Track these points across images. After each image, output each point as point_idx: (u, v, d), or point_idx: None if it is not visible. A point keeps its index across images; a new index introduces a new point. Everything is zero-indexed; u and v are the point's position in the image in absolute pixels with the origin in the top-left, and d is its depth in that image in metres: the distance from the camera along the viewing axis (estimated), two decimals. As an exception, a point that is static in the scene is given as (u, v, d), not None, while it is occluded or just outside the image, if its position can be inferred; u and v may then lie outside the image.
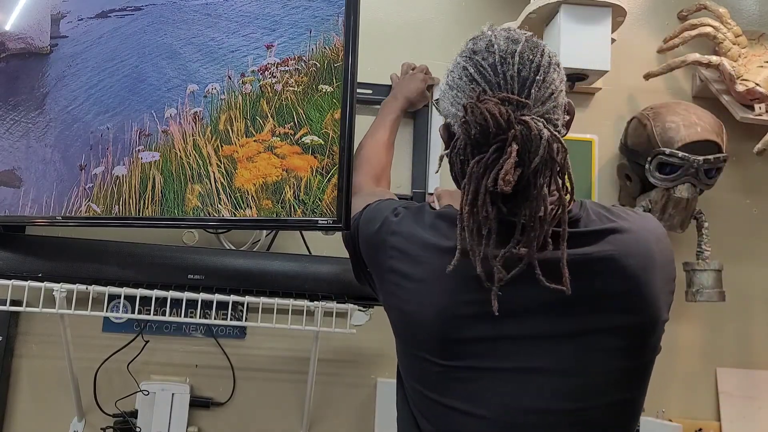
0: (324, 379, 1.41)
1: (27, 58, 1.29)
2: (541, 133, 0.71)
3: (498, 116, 0.70)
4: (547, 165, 0.71)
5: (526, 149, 0.70)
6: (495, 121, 0.70)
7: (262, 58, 1.14)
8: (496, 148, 0.71)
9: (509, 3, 1.53)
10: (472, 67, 0.78)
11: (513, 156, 0.69)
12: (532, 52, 0.77)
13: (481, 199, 0.71)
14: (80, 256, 1.25)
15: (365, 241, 0.92)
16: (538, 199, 0.71)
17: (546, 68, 0.77)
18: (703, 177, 1.34)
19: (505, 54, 0.77)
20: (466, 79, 0.79)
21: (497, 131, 0.70)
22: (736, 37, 1.49)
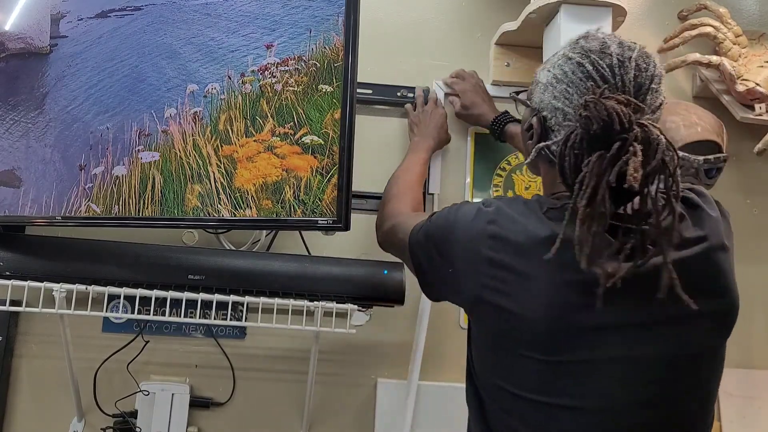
0: (324, 379, 1.41)
1: (27, 58, 1.29)
2: (659, 138, 0.73)
3: (621, 114, 0.72)
4: (660, 171, 0.73)
5: (644, 152, 0.72)
6: (619, 118, 0.72)
7: (262, 57, 1.14)
8: (618, 146, 0.72)
9: (509, 3, 1.53)
10: (590, 65, 0.80)
11: (639, 154, 0.71)
12: (645, 61, 0.80)
13: (600, 195, 0.72)
14: (80, 256, 1.25)
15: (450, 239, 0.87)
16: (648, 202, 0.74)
17: (658, 79, 0.80)
18: (703, 177, 1.34)
19: (622, 58, 0.79)
20: (582, 76, 0.80)
21: (620, 129, 0.72)
22: (736, 37, 1.49)
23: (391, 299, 1.27)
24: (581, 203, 0.73)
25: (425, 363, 1.42)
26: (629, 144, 0.71)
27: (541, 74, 0.87)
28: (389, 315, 1.43)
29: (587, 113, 0.74)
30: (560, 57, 0.84)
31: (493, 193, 1.51)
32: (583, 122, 0.75)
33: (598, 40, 0.81)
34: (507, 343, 0.81)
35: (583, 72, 0.80)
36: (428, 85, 1.51)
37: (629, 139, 0.72)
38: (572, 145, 0.76)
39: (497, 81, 1.52)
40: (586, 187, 0.73)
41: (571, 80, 0.81)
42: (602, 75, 0.79)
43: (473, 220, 0.84)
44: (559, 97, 0.82)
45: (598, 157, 0.73)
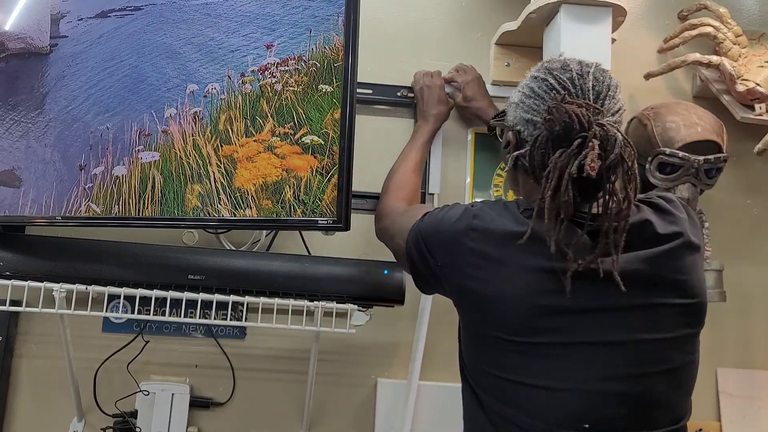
0: (324, 379, 1.41)
1: (27, 58, 1.29)
2: (616, 135, 0.83)
3: (580, 116, 0.83)
4: (619, 164, 0.83)
5: (603, 147, 0.81)
6: (578, 119, 0.82)
7: (262, 57, 1.14)
8: (578, 143, 0.82)
9: (509, 3, 1.53)
10: (552, 79, 0.91)
11: (596, 148, 0.80)
12: (602, 74, 0.91)
13: (563, 186, 0.81)
14: (80, 256, 1.25)
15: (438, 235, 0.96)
16: (609, 192, 0.83)
17: (614, 88, 0.91)
18: (703, 177, 1.34)
19: (581, 72, 0.91)
20: (546, 89, 0.91)
21: (579, 128, 0.82)
22: (736, 37, 1.49)
23: (391, 299, 1.28)
24: (547, 194, 0.83)
25: (425, 363, 1.42)
26: (588, 140, 0.81)
27: (513, 95, 0.98)
28: (389, 315, 1.43)
29: (550, 117, 0.85)
30: (528, 78, 0.96)
31: (494, 193, 1.51)
32: (548, 125, 0.85)
33: (560, 62, 0.93)
34: (487, 328, 0.90)
35: (547, 86, 0.91)
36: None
37: (588, 137, 0.81)
38: (539, 145, 0.87)
39: (497, 81, 1.52)
40: (551, 179, 0.82)
41: (538, 94, 0.91)
42: (564, 86, 0.89)
43: (459, 218, 0.94)
44: (528, 111, 0.92)
45: (561, 153, 0.83)
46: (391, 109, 1.52)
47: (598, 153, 0.80)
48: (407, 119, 1.52)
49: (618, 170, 0.83)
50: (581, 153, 0.81)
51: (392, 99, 1.50)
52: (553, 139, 0.85)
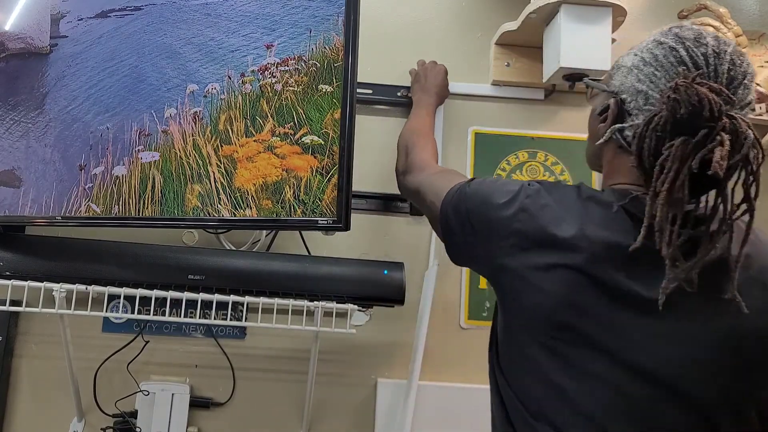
0: (324, 379, 1.41)
1: (27, 58, 1.29)
2: (747, 132, 0.72)
3: (712, 102, 0.71)
4: (744, 165, 0.72)
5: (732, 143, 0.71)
6: (709, 105, 0.71)
7: (262, 57, 1.14)
8: (704, 133, 0.71)
9: (509, 3, 1.53)
10: (684, 51, 0.78)
11: (726, 144, 0.70)
12: (740, 58, 0.78)
13: (681, 179, 0.71)
14: (80, 256, 1.25)
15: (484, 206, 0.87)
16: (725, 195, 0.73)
17: (750, 77, 0.78)
18: (703, 177, 1.34)
19: (718, 50, 0.78)
20: (674, 60, 0.79)
21: (709, 117, 0.71)
22: (736, 37, 1.49)
23: (391, 299, 1.28)
24: (663, 187, 0.72)
25: (425, 363, 1.42)
26: (717, 133, 0.70)
27: (625, 58, 0.86)
28: (389, 315, 1.43)
29: (676, 96, 0.73)
30: (650, 42, 0.83)
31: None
32: (671, 105, 0.73)
33: (694, 31, 0.80)
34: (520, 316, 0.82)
35: (675, 57, 0.79)
36: (428, 85, 1.51)
37: (717, 128, 0.71)
38: (655, 127, 0.75)
39: (497, 81, 1.52)
40: (668, 171, 0.72)
41: (661, 64, 0.79)
42: (695, 62, 0.77)
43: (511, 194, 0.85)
44: (644, 80, 0.80)
45: (683, 141, 0.72)
46: (391, 109, 1.52)
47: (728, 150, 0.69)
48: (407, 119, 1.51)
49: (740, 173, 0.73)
50: (706, 146, 0.70)
51: (392, 99, 1.50)
52: (674, 122, 0.73)
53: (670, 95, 0.74)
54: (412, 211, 1.48)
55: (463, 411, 1.40)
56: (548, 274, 0.79)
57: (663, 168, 0.73)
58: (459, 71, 1.54)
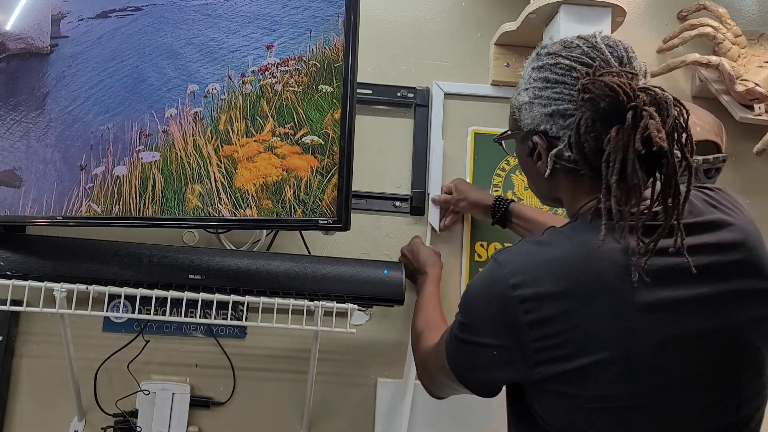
0: (324, 378, 1.41)
1: (27, 59, 1.29)
2: (666, 96, 0.74)
3: (622, 85, 0.73)
4: (676, 129, 0.73)
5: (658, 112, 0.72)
6: (622, 89, 0.72)
7: (262, 58, 1.15)
8: (632, 115, 0.72)
9: (509, 3, 1.53)
10: (564, 59, 0.80)
11: (656, 116, 0.71)
12: (611, 40, 0.81)
13: (630, 166, 0.71)
14: (80, 256, 1.25)
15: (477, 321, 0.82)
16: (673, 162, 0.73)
17: (631, 50, 0.81)
18: (702, 177, 1.35)
19: (589, 43, 0.81)
20: (563, 71, 0.80)
21: (627, 99, 0.72)
22: (735, 37, 1.49)
23: (391, 299, 1.28)
24: (613, 179, 0.72)
25: (425, 363, 1.43)
26: (641, 109, 0.71)
27: (519, 98, 0.86)
28: (389, 315, 1.43)
29: (590, 95, 0.74)
30: (530, 73, 0.85)
31: (493, 193, 1.51)
32: (589, 105, 0.75)
33: (557, 43, 0.83)
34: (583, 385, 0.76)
35: (562, 68, 0.80)
36: (428, 85, 1.52)
37: (639, 105, 0.72)
38: (586, 130, 0.75)
39: (497, 81, 1.52)
40: (614, 162, 0.72)
41: (555, 80, 0.80)
42: (582, 62, 0.79)
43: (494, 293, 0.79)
44: (550, 103, 0.81)
45: (616, 130, 0.72)
46: (391, 109, 1.52)
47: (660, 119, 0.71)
48: (407, 119, 1.52)
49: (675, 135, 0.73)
50: (638, 125, 0.71)
51: (392, 99, 1.50)
52: (601, 118, 0.74)
53: (584, 96, 0.75)
54: (412, 211, 1.48)
55: (464, 411, 1.40)
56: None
57: (608, 162, 0.73)
58: (459, 71, 1.54)
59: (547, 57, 0.83)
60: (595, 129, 0.75)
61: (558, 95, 0.80)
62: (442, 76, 1.53)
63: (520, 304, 0.76)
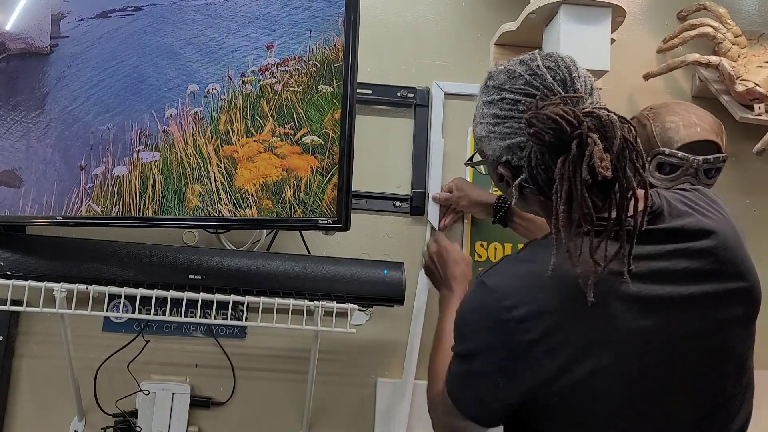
0: (324, 378, 1.41)
1: (27, 59, 1.29)
2: (611, 117, 0.73)
3: (565, 114, 0.73)
4: (625, 148, 0.73)
5: (603, 137, 0.72)
6: (565, 119, 0.73)
7: (262, 58, 1.15)
8: (577, 143, 0.72)
9: (509, 3, 1.53)
10: (509, 93, 0.81)
11: (599, 143, 0.71)
12: (552, 60, 0.81)
13: (577, 196, 0.72)
14: (80, 256, 1.25)
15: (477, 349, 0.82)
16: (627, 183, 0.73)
17: (574, 66, 0.81)
18: (702, 177, 1.35)
19: (531, 70, 0.81)
20: (510, 106, 0.81)
21: (571, 128, 0.72)
22: (735, 37, 1.49)
23: (391, 299, 1.28)
24: (560, 209, 0.73)
25: (426, 363, 1.43)
26: (585, 136, 0.72)
27: (477, 130, 0.88)
28: (389, 315, 1.43)
29: (534, 128, 0.75)
30: (481, 108, 0.86)
31: (494, 192, 1.51)
32: (535, 139, 0.75)
33: (502, 72, 0.84)
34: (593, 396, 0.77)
35: (508, 103, 0.81)
36: (428, 85, 1.52)
37: (583, 132, 0.72)
38: (536, 162, 0.77)
39: (497, 81, 1.52)
40: (560, 193, 0.73)
41: (504, 116, 0.82)
42: (526, 93, 0.80)
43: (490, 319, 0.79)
44: (505, 137, 0.82)
45: (562, 161, 0.73)
46: (391, 109, 1.52)
47: (603, 146, 0.71)
48: (407, 119, 1.52)
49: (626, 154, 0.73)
50: (584, 154, 0.71)
51: (392, 99, 1.51)
52: (548, 150, 0.75)
53: (528, 132, 0.75)
54: (412, 211, 1.48)
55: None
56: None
57: (557, 193, 0.74)
58: (459, 71, 1.54)
59: (493, 91, 0.84)
60: (545, 161, 0.76)
61: (510, 129, 0.81)
62: (442, 76, 1.53)
63: (519, 325, 0.76)
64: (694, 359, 0.78)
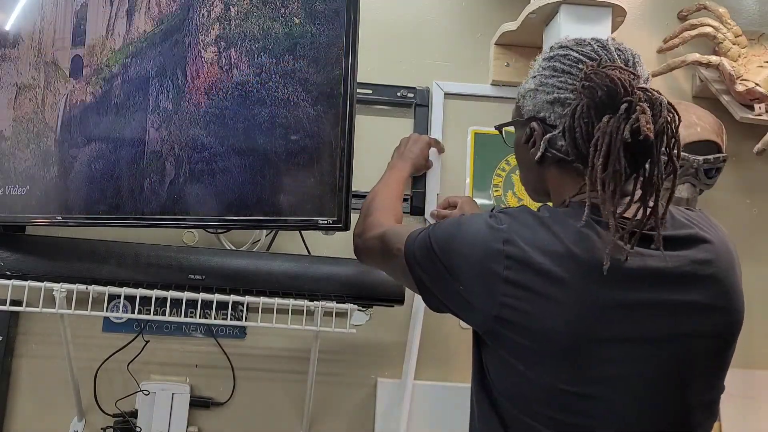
0: (324, 379, 1.41)
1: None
2: (661, 98, 0.76)
3: (623, 79, 0.76)
4: (665, 130, 0.76)
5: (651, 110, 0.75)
6: (621, 83, 0.75)
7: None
8: (626, 107, 0.75)
9: (509, 3, 1.53)
10: (575, 53, 0.84)
11: (648, 111, 0.74)
12: (622, 45, 0.85)
13: (614, 153, 0.74)
14: (80, 256, 1.25)
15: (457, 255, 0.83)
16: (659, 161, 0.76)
17: (638, 57, 0.85)
18: (702, 177, 1.34)
19: (600, 44, 0.85)
20: (571, 62, 0.84)
21: (624, 93, 0.75)
22: (735, 37, 1.49)
23: (391, 299, 1.28)
24: (598, 163, 0.75)
25: (426, 363, 1.43)
26: (636, 104, 0.74)
27: (526, 85, 0.90)
28: (389, 315, 1.43)
29: (590, 83, 0.77)
30: (540, 62, 0.89)
31: (493, 193, 1.51)
32: (588, 92, 0.78)
33: (571, 40, 0.87)
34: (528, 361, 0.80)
35: (570, 59, 0.84)
36: (428, 85, 1.52)
37: (635, 100, 0.75)
38: (580, 115, 0.79)
39: (497, 81, 1.52)
40: (601, 146, 0.75)
41: (562, 70, 0.84)
42: (589, 56, 0.83)
43: (485, 238, 0.81)
44: (552, 91, 0.84)
45: (608, 118, 0.76)
46: (391, 109, 1.52)
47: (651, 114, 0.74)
48: (407, 119, 1.52)
49: (664, 137, 0.76)
50: (630, 117, 0.74)
51: (392, 99, 1.50)
52: (596, 106, 0.77)
53: (585, 83, 0.78)
54: (412, 211, 1.48)
55: (464, 410, 1.40)
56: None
57: (596, 147, 0.76)
58: (459, 71, 1.54)
59: (559, 49, 0.87)
60: (589, 116, 0.78)
61: (562, 84, 0.84)
62: (442, 76, 1.52)
63: (506, 259, 0.79)
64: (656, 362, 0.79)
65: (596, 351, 0.77)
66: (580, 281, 0.77)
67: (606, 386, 0.78)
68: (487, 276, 0.80)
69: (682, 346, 0.79)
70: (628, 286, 0.77)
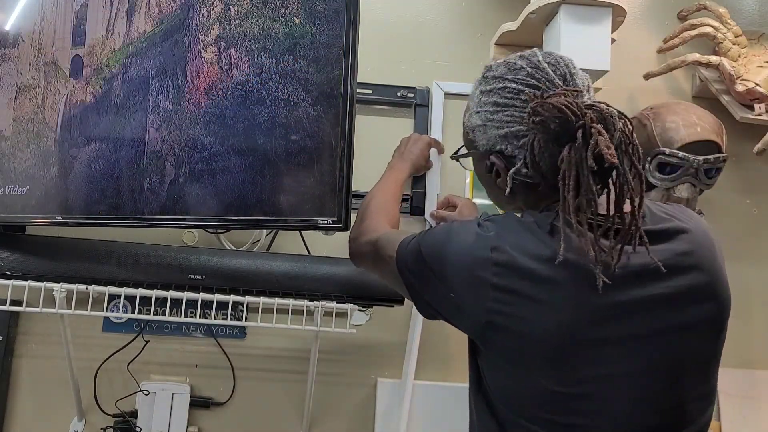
0: (324, 379, 1.41)
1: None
2: (611, 111, 0.78)
3: (569, 105, 0.77)
4: (623, 141, 0.77)
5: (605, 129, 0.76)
6: (570, 109, 0.76)
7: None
8: (581, 133, 0.76)
9: (509, 3, 1.53)
10: (512, 83, 0.84)
11: (604, 133, 0.75)
12: (551, 57, 0.85)
13: (584, 183, 0.75)
14: (80, 256, 1.25)
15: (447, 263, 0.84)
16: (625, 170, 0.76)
17: (572, 64, 0.86)
18: (702, 177, 1.34)
19: (533, 65, 0.84)
20: (512, 95, 0.84)
21: (575, 118, 0.76)
22: (736, 37, 1.49)
23: (391, 299, 1.28)
24: (570, 195, 0.76)
25: (426, 363, 1.43)
26: (589, 127, 0.75)
27: (472, 120, 0.91)
28: (389, 315, 1.43)
29: (539, 117, 0.78)
30: (480, 96, 0.89)
31: (493, 193, 1.51)
32: (540, 127, 0.79)
33: (501, 65, 0.87)
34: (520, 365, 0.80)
35: (510, 92, 0.84)
36: (428, 85, 1.52)
37: (587, 123, 0.75)
38: (540, 150, 0.80)
39: (497, 81, 1.52)
40: (569, 179, 0.76)
41: (505, 104, 0.84)
42: (528, 84, 0.83)
43: (473, 246, 0.82)
44: (502, 125, 0.85)
45: (569, 149, 0.76)
46: (391, 109, 1.52)
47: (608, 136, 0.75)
48: (407, 119, 1.52)
49: (623, 146, 0.77)
50: (588, 143, 0.75)
51: (392, 99, 1.50)
52: (553, 138, 0.78)
53: (534, 119, 0.79)
54: (412, 211, 1.48)
55: (464, 410, 1.40)
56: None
57: (564, 179, 0.76)
58: (459, 71, 1.54)
59: (494, 81, 0.87)
60: (549, 148, 0.79)
61: (509, 118, 0.84)
62: (442, 76, 1.52)
63: (494, 266, 0.79)
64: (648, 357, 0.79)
65: (588, 351, 0.78)
66: (569, 283, 0.77)
67: (599, 385, 0.78)
68: (476, 283, 0.80)
69: (673, 340, 0.80)
70: (616, 286, 0.77)
